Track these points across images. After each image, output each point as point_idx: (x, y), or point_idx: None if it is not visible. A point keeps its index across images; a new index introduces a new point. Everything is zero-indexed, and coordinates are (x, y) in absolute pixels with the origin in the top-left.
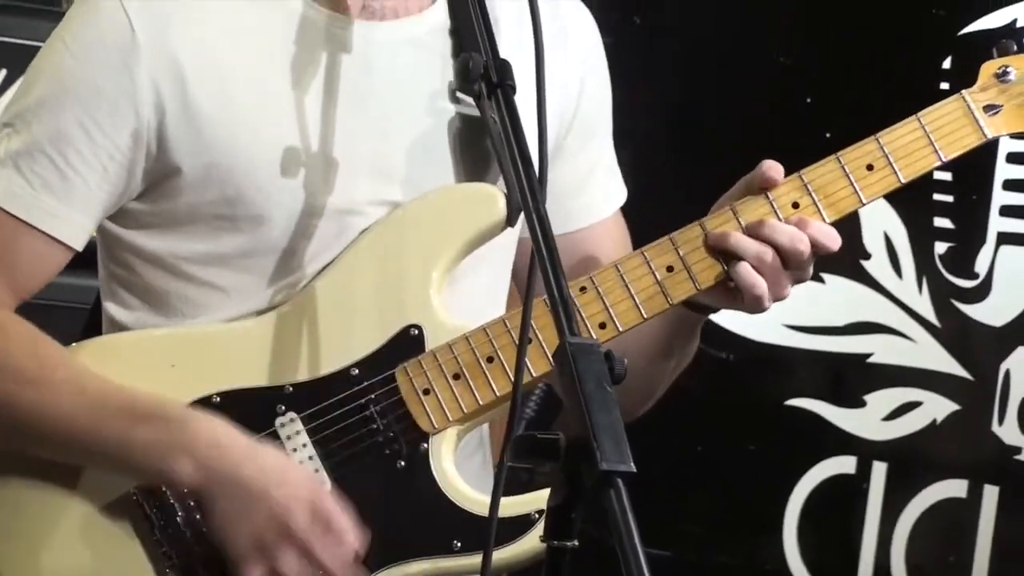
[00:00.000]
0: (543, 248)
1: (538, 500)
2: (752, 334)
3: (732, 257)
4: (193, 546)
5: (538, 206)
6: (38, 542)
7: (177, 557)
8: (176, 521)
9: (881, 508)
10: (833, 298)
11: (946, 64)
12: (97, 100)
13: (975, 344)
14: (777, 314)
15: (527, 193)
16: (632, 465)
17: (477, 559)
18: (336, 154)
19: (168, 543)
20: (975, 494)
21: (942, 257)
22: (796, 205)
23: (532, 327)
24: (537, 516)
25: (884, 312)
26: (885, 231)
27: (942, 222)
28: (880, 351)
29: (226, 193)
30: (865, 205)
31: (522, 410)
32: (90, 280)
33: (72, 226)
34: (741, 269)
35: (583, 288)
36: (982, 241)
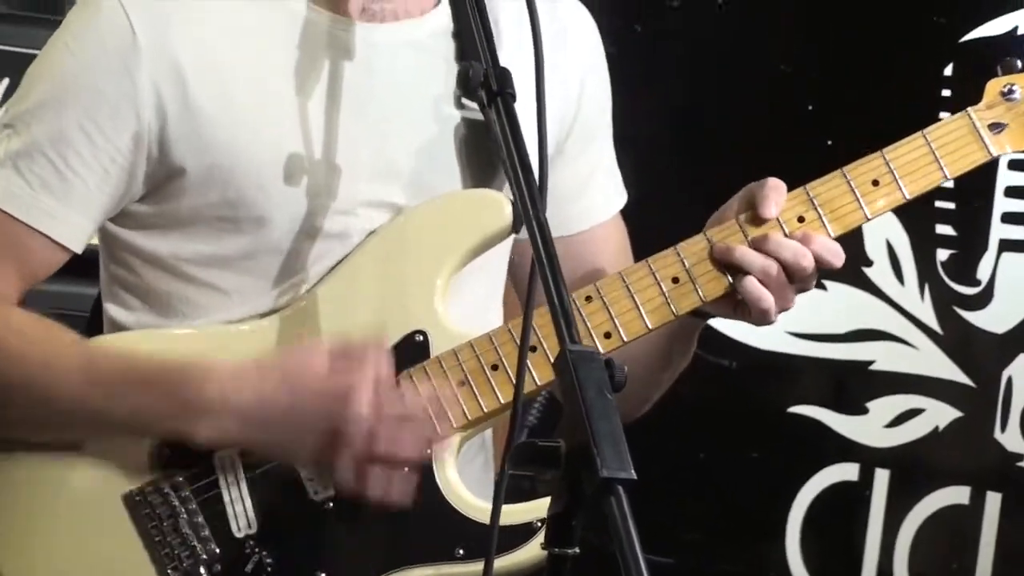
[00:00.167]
0: (543, 256)
1: (540, 508)
2: (754, 341)
3: (737, 271)
4: (196, 546)
5: (538, 214)
6: (39, 543)
7: (180, 558)
8: (179, 521)
9: (884, 515)
10: (835, 305)
11: (947, 71)
12: (98, 102)
13: (977, 351)
14: (779, 321)
15: (527, 201)
16: (632, 472)
17: (479, 566)
18: (337, 155)
19: (170, 544)
20: (978, 501)
21: (944, 264)
22: (802, 219)
23: (536, 335)
24: (539, 524)
25: (886, 319)
26: (887, 238)
27: (944, 229)
28: (882, 358)
29: (228, 195)
30: (870, 220)
31: (524, 418)
32: (87, 288)
33: (71, 228)
34: (747, 283)
35: (588, 297)
36: (984, 248)
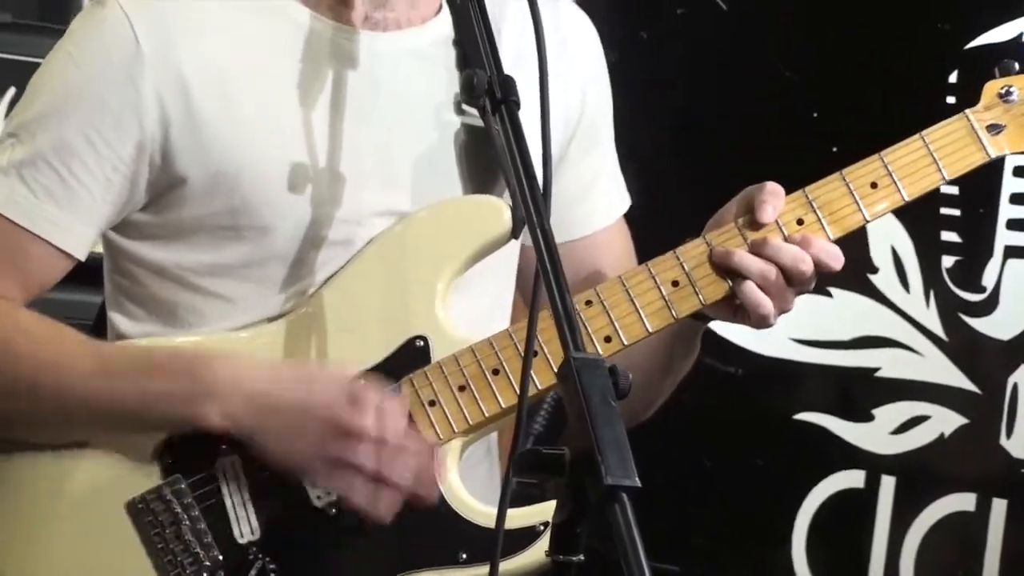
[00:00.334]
0: (547, 263)
1: (543, 512)
2: (760, 348)
3: (736, 275)
4: (199, 553)
5: (542, 221)
6: (41, 550)
7: (183, 564)
8: (181, 528)
9: (890, 522)
10: (841, 312)
11: (952, 78)
12: (101, 112)
13: (983, 358)
14: (785, 328)
15: (531, 208)
16: (637, 480)
17: (482, 570)
18: (341, 164)
19: (173, 550)
20: (983, 507)
21: (949, 271)
22: (800, 222)
23: (538, 340)
24: (542, 528)
25: (892, 326)
26: (892, 245)
27: (949, 236)
28: (888, 365)
29: (231, 203)
30: (869, 222)
31: (529, 424)
32: (91, 296)
33: (74, 236)
34: (746, 288)
35: (588, 302)
36: (989, 255)
